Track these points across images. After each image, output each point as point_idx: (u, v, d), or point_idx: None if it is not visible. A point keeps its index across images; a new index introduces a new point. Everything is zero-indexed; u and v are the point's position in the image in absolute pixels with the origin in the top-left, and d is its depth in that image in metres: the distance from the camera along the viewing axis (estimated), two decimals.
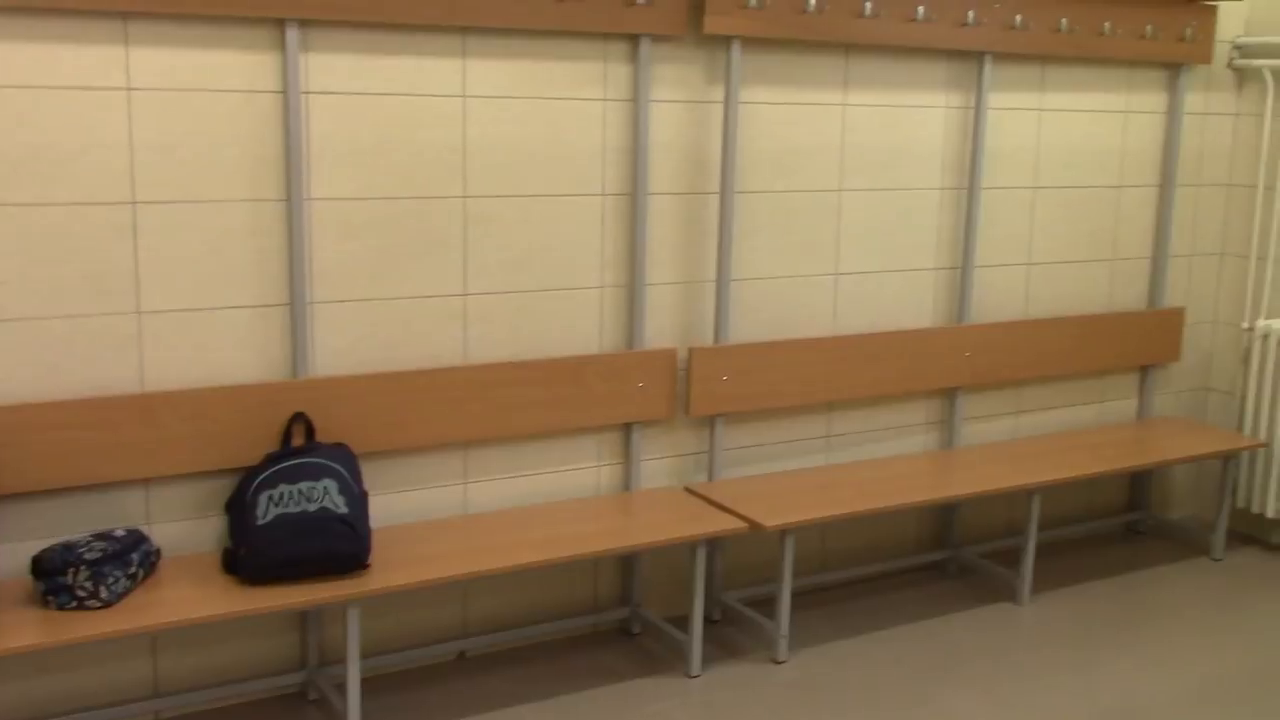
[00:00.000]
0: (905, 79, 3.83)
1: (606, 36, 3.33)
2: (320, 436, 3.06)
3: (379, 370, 3.17)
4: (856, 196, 3.82)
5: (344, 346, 3.13)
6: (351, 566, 2.89)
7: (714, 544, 3.71)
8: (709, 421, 3.68)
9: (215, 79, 2.88)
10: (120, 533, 2.83)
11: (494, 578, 3.41)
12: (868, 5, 3.58)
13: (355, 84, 3.03)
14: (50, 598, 2.68)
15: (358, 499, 2.94)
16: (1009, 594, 3.99)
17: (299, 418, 3.03)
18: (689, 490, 3.60)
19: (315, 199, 3.03)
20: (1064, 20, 3.96)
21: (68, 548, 2.72)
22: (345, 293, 3.11)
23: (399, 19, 3.00)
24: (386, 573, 2.93)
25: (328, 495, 2.87)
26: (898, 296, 3.97)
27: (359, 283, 3.12)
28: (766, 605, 3.74)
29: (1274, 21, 4.40)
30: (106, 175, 2.80)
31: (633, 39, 3.36)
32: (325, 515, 2.85)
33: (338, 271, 3.09)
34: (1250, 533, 4.60)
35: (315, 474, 2.90)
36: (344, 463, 2.97)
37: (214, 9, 2.80)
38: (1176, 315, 4.53)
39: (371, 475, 3.18)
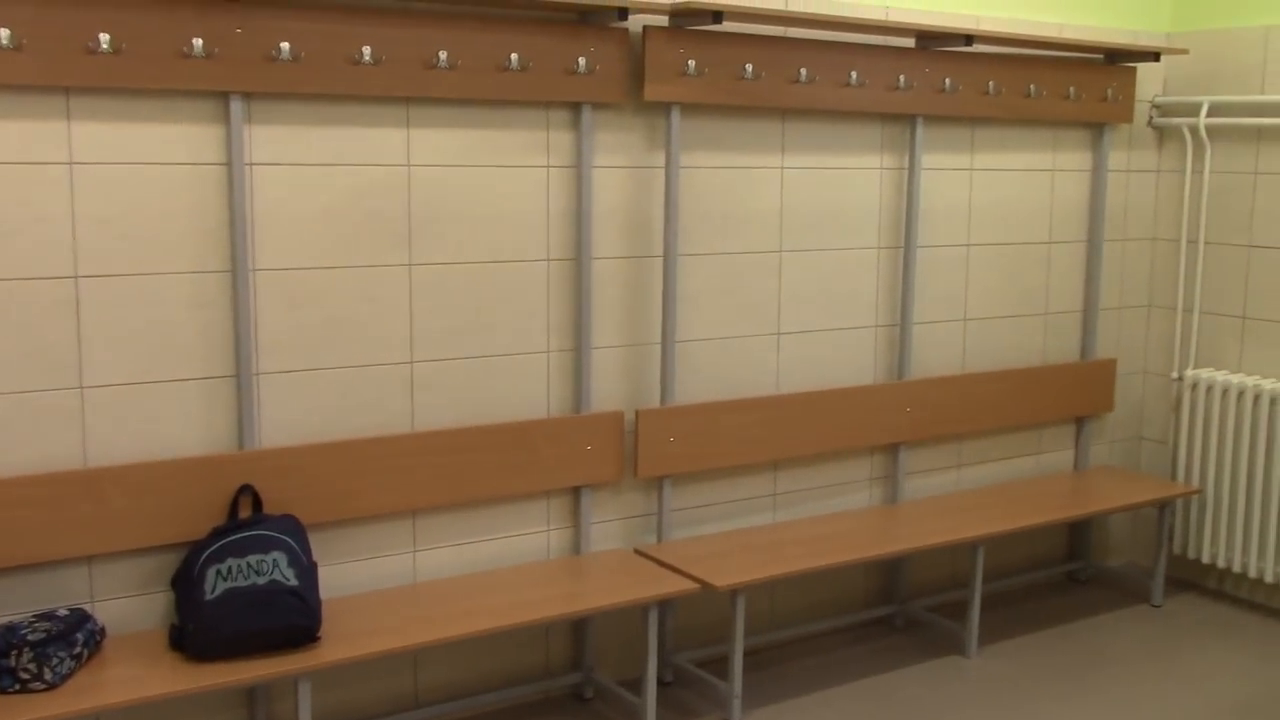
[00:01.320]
0: (841, 142, 3.91)
1: (549, 105, 3.38)
2: (268, 508, 3.03)
3: (326, 440, 3.15)
4: (796, 257, 3.89)
5: (291, 417, 3.11)
6: (302, 639, 2.86)
7: (665, 605, 3.71)
8: (657, 483, 3.70)
9: (158, 152, 2.88)
10: (63, 612, 2.78)
11: (445, 646, 3.38)
12: (803, 71, 3.67)
13: (299, 155, 3.05)
14: None
15: (307, 570, 2.91)
16: (957, 647, 4.03)
17: (246, 490, 3.01)
18: (639, 552, 3.61)
19: (261, 269, 3.03)
20: (991, 83, 4.08)
21: (10, 629, 2.67)
22: (292, 363, 3.10)
23: (342, 91, 3.03)
24: (337, 645, 2.90)
25: (277, 568, 2.85)
26: (839, 354, 4.03)
27: (305, 353, 3.12)
28: (719, 665, 3.74)
29: (1190, 81, 4.56)
30: (48, 250, 2.78)
31: (575, 107, 3.41)
32: (275, 588, 2.82)
33: (284, 342, 3.08)
34: (1188, 578, 4.69)
35: (264, 547, 2.87)
36: (293, 534, 2.95)
37: (156, 83, 2.80)
38: (1108, 366, 4.64)
39: (320, 546, 3.15)
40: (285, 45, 2.93)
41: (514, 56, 3.22)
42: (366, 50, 3.03)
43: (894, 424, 4.10)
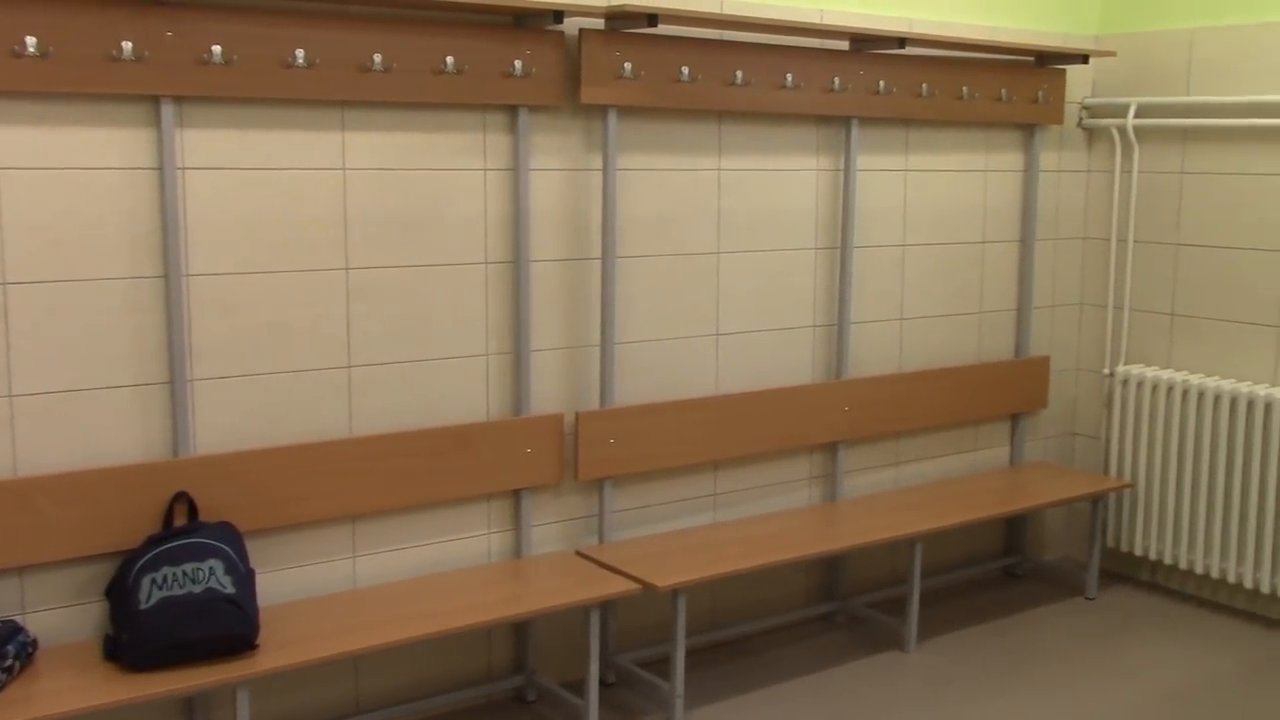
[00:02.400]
0: (777, 144, 3.95)
1: (485, 108, 3.37)
2: (204, 515, 3.00)
3: (263, 446, 3.13)
4: (734, 258, 3.91)
5: (227, 423, 3.09)
6: (240, 647, 2.84)
7: (607, 607, 3.72)
8: (598, 485, 3.71)
9: (89, 157, 2.84)
10: None
11: (386, 652, 3.37)
12: (738, 74, 3.70)
13: (233, 159, 3.02)
14: None
15: (244, 578, 2.89)
16: (896, 642, 4.08)
17: (181, 497, 2.98)
18: (580, 554, 3.61)
19: (194, 275, 3.00)
20: (925, 85, 4.13)
21: None
22: (227, 369, 3.07)
23: (276, 94, 3.01)
24: (276, 652, 2.87)
25: (213, 575, 2.82)
26: (777, 355, 4.06)
27: (241, 358, 3.09)
28: (661, 666, 3.76)
29: (1118, 83, 4.65)
30: None
31: (511, 110, 3.41)
32: (211, 596, 2.79)
33: (219, 347, 3.06)
34: (1121, 571, 4.78)
35: (200, 554, 2.84)
36: (229, 541, 2.92)
37: (86, 87, 2.77)
38: (1042, 364, 4.72)
39: (258, 553, 3.13)
40: (217, 48, 2.90)
41: (449, 59, 3.22)
42: (300, 53, 3.01)
43: (832, 423, 4.14)
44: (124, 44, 2.79)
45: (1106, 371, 4.71)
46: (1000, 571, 4.81)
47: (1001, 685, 3.78)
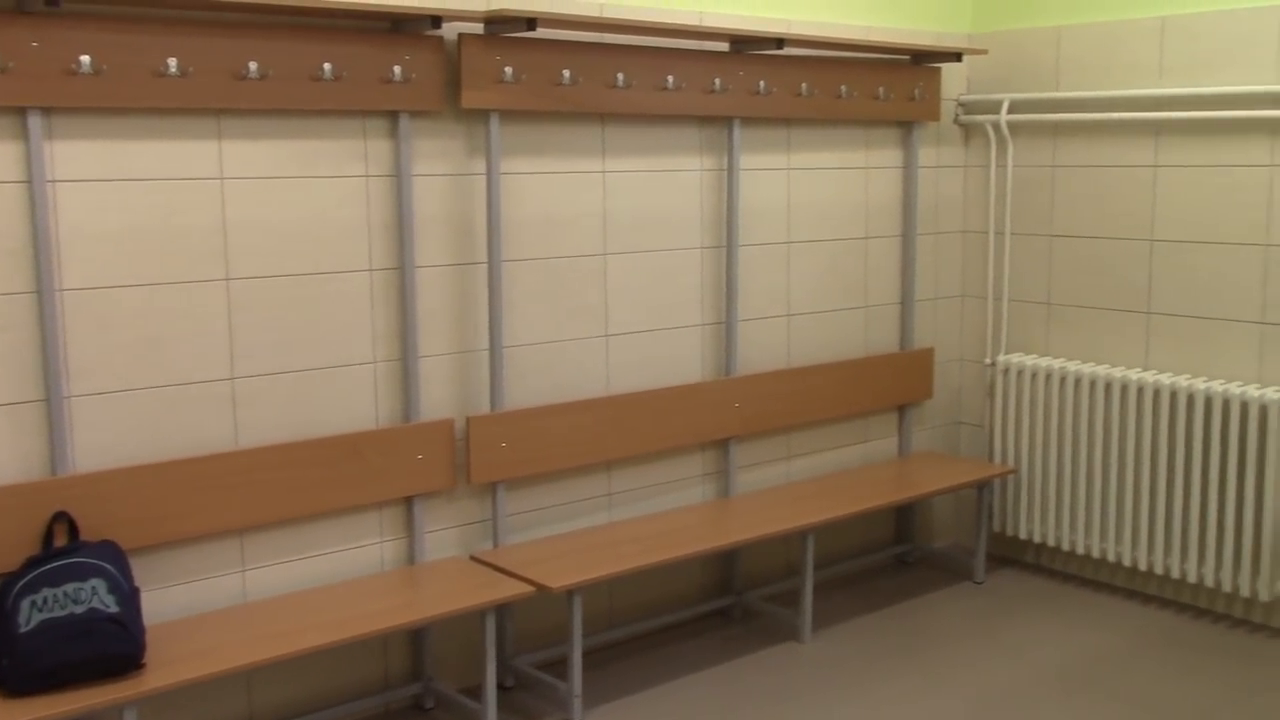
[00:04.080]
0: (661, 145, 3.98)
1: (365, 114, 3.35)
2: (86, 535, 2.94)
3: (145, 462, 3.07)
4: (621, 259, 3.94)
5: (106, 440, 3.03)
6: (126, 667, 2.79)
7: (503, 610, 3.72)
8: (491, 489, 3.71)
9: None
10: None
11: (279, 665, 3.33)
12: (620, 76, 3.72)
13: (105, 170, 2.97)
14: None
15: (128, 596, 2.84)
16: (792, 633, 4.14)
17: (61, 517, 2.91)
18: (475, 558, 3.61)
19: (68, 289, 2.94)
20: (804, 85, 4.20)
21: None
22: (105, 384, 3.01)
23: (148, 104, 2.96)
24: (163, 670, 2.83)
25: (96, 595, 2.77)
26: (667, 354, 4.10)
27: (120, 373, 3.03)
28: (559, 667, 3.78)
29: (991, 80, 4.78)
30: None
31: (392, 116, 3.39)
32: (94, 616, 2.74)
33: (96, 363, 3.00)
34: (1008, 555, 4.91)
35: (81, 574, 2.78)
36: (112, 560, 2.87)
37: None
38: (926, 355, 4.83)
39: (143, 570, 3.07)
40: (86, 58, 2.85)
41: (327, 66, 3.20)
42: (173, 62, 2.97)
43: (724, 420, 4.19)
44: None
45: (988, 361, 4.84)
46: (892, 559, 4.91)
47: (893, 668, 3.86)
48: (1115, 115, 4.38)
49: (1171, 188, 4.32)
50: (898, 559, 4.92)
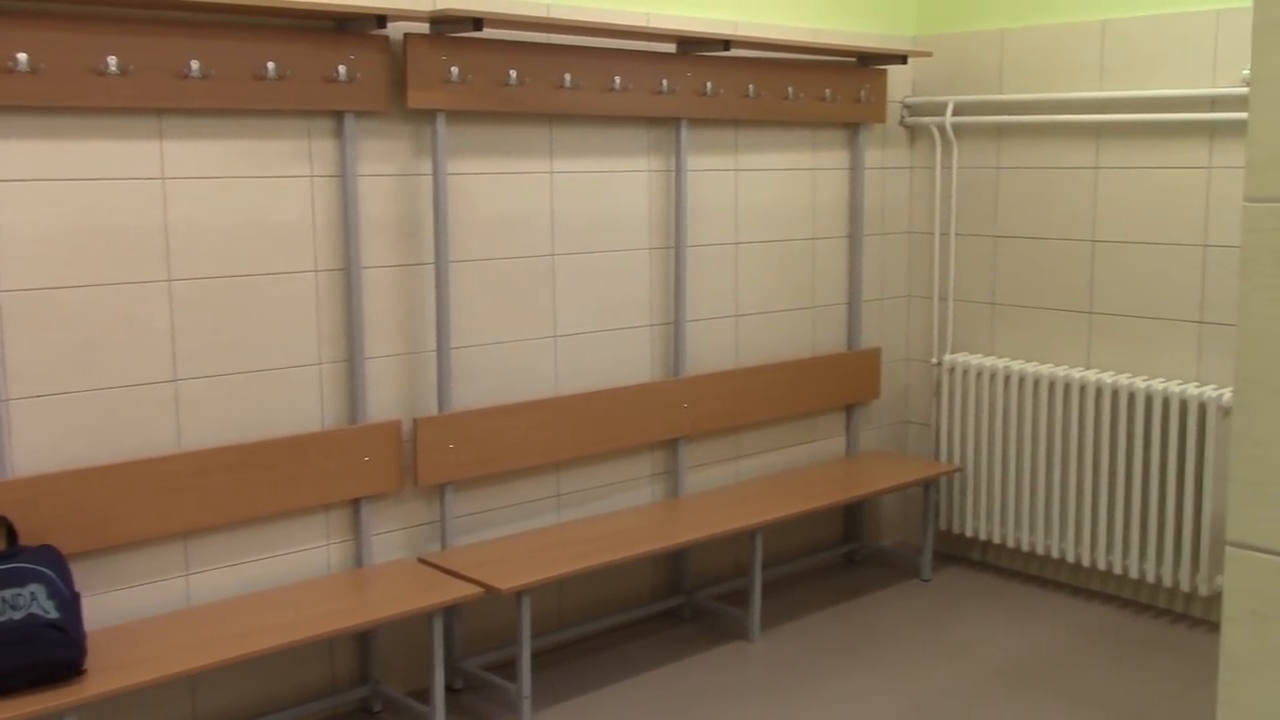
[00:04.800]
0: (608, 146, 3.99)
1: (310, 114, 3.33)
2: (25, 539, 2.90)
3: (86, 465, 3.03)
4: (569, 260, 3.94)
5: (46, 443, 2.99)
6: (66, 674, 2.75)
7: (451, 612, 3.71)
8: (438, 490, 3.69)
9: None
10: None
11: (224, 670, 3.30)
12: (567, 77, 3.72)
13: (43, 170, 2.92)
14: None
15: (69, 602, 2.80)
16: (741, 632, 4.16)
17: None
18: (422, 560, 3.59)
19: (6, 291, 2.89)
20: (751, 86, 4.22)
21: None
22: (44, 387, 2.97)
23: (87, 103, 2.92)
24: (105, 676, 2.79)
25: (35, 601, 2.73)
26: (615, 354, 4.10)
27: (59, 376, 2.99)
28: (508, 669, 3.77)
29: (936, 83, 4.83)
30: None
31: (337, 115, 3.37)
32: (33, 623, 2.70)
33: (35, 365, 2.95)
34: (954, 552, 4.96)
35: (20, 580, 2.74)
36: (52, 565, 2.82)
37: None
38: (873, 355, 4.86)
39: (85, 575, 3.03)
40: (23, 56, 2.81)
41: (270, 65, 3.17)
42: (112, 60, 2.93)
43: (672, 420, 4.20)
44: None
45: (934, 360, 4.88)
46: (840, 558, 4.95)
47: (842, 667, 3.89)
48: (1057, 117, 4.44)
49: (1112, 189, 4.38)
50: (846, 557, 4.95)
